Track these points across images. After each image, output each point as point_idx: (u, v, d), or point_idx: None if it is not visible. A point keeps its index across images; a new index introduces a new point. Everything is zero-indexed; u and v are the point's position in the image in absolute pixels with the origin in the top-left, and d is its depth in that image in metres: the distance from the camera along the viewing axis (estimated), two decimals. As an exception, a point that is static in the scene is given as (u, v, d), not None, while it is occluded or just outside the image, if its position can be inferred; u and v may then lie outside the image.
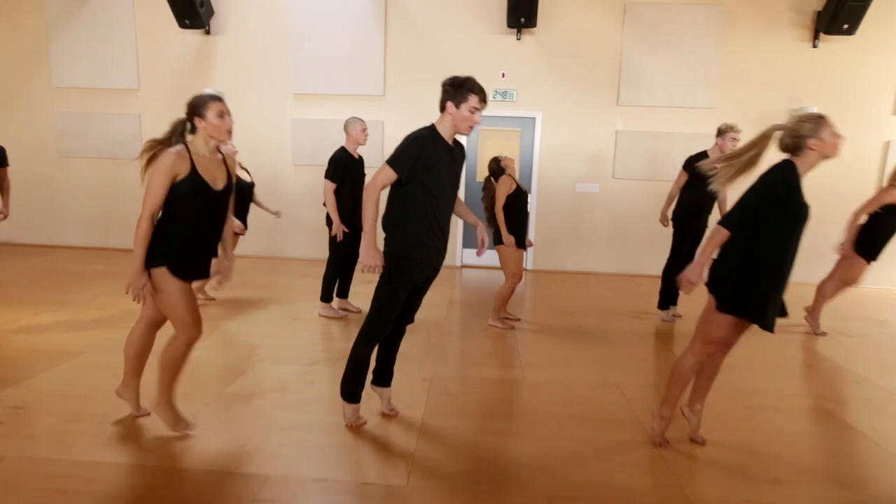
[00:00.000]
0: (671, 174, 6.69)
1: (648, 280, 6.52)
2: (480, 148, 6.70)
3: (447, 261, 6.52)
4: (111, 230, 7.18)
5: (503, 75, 6.54)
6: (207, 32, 6.63)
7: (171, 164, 2.14)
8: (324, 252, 7.01)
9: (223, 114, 2.25)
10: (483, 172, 6.68)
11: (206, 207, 2.27)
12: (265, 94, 6.76)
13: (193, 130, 2.26)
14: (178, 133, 2.28)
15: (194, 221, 2.26)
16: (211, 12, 6.42)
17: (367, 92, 6.66)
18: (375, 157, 6.74)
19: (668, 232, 6.70)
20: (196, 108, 2.23)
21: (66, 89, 6.89)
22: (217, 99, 2.26)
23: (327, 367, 3.41)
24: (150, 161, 2.22)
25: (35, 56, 6.87)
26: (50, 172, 7.11)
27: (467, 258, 6.96)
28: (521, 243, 4.25)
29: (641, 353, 4.02)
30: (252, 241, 7.04)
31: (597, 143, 6.62)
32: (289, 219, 7.01)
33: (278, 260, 6.97)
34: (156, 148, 2.25)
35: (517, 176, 4.42)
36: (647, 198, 6.67)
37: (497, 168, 4.28)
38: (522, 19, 6.03)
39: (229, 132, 2.29)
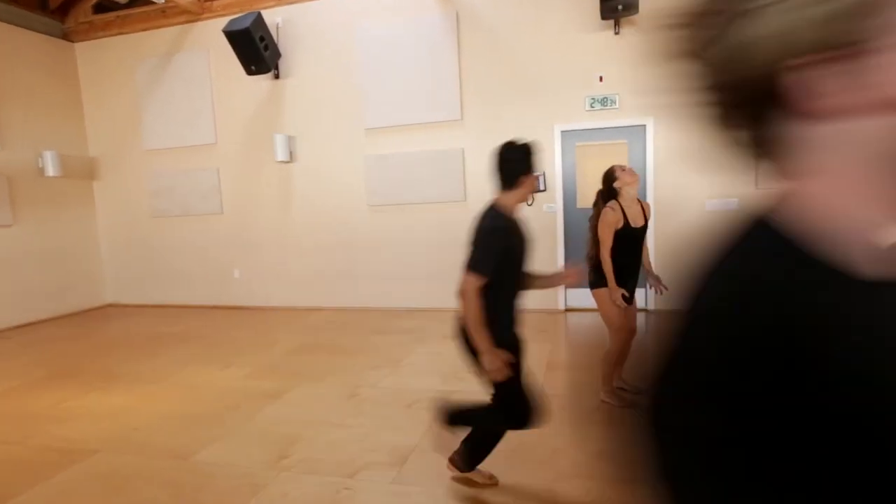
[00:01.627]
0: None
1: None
2: (579, 168, 5.59)
3: (547, 304, 5.41)
4: (194, 287, 7.07)
5: (601, 79, 5.43)
6: (276, 77, 6.36)
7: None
8: (402, 300, 6.39)
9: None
10: (584, 199, 5.55)
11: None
12: (336, 132, 6.29)
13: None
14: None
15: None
16: (277, 55, 6.13)
17: (443, 118, 5.91)
18: (455, 191, 5.94)
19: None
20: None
21: (154, 151, 6.99)
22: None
23: (371, 479, 2.50)
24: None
25: (129, 122, 7.07)
26: (144, 233, 7.21)
27: (573, 299, 5.77)
28: (626, 296, 3.06)
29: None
30: (325, 289, 6.52)
31: (730, 147, 5.20)
32: (361, 266, 6.39)
33: (354, 311, 6.32)
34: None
35: (630, 202, 3.15)
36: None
37: (608, 188, 3.12)
38: (620, 6, 4.92)
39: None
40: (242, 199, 6.77)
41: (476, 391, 3.31)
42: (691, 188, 5.32)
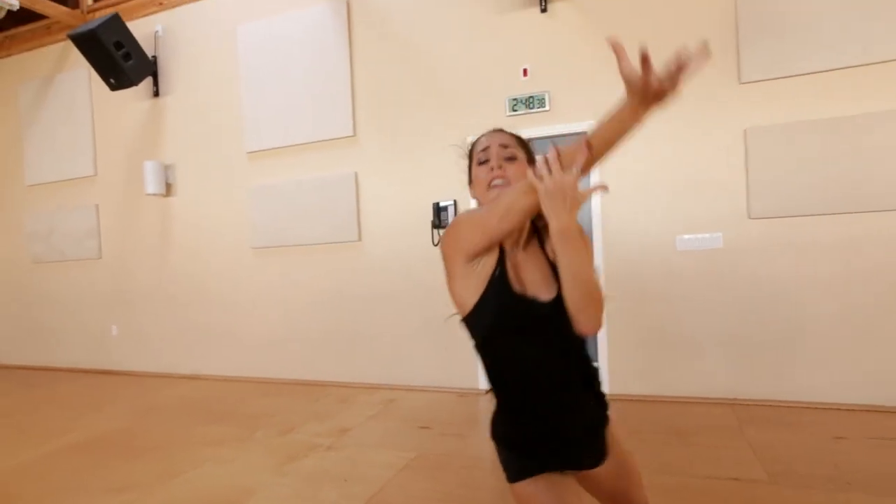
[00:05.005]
0: (871, 197, 3.27)
1: (866, 416, 3.00)
2: (503, 194, 4.10)
3: (459, 381, 3.77)
4: (68, 346, 5.90)
5: (525, 73, 4.03)
6: (156, 94, 5.32)
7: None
8: (279, 369, 4.84)
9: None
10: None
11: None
12: (215, 158, 5.11)
13: None
14: None
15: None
16: (147, 66, 5.05)
17: (332, 135, 4.62)
18: (346, 229, 4.58)
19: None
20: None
21: (35, 187, 6.04)
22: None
23: None
24: None
25: (10, 153, 6.19)
26: (23, 282, 6.19)
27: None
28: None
29: None
30: (205, 352, 5.22)
31: (709, 158, 3.61)
32: (244, 324, 5.04)
33: (230, 382, 4.91)
34: None
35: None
36: (826, 249, 3.35)
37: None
38: (536, -29, 3.57)
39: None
40: (122, 241, 5.63)
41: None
42: (655, 218, 3.72)
